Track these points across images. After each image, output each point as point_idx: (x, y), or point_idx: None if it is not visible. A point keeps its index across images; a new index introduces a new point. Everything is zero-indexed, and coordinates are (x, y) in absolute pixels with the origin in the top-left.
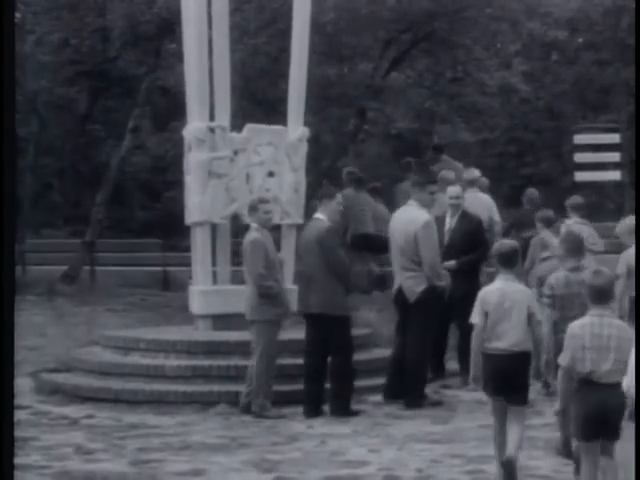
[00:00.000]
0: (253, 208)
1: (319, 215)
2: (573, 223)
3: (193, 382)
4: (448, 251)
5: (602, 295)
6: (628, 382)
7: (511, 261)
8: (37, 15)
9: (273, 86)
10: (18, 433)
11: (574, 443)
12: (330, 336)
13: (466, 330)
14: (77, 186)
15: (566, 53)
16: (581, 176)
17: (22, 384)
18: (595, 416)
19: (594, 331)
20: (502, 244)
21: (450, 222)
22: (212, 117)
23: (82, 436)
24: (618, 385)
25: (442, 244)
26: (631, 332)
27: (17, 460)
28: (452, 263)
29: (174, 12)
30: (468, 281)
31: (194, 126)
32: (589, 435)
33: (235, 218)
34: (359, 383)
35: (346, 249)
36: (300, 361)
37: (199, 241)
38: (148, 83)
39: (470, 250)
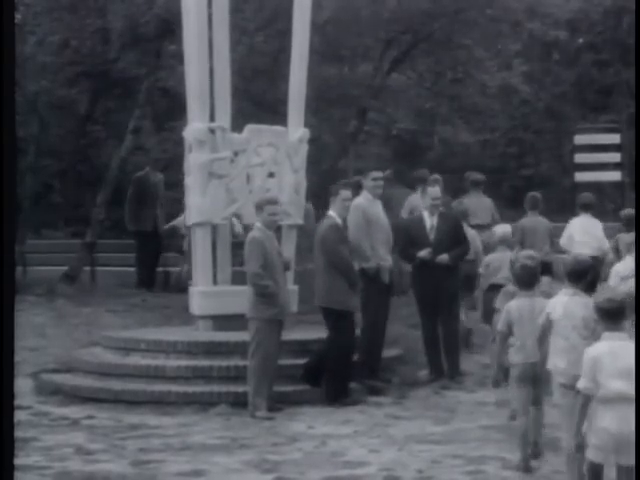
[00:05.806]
0: (259, 208)
1: (330, 212)
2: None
3: (193, 383)
4: (436, 248)
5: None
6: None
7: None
8: (38, 16)
9: (273, 87)
10: (18, 434)
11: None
12: (330, 329)
13: (451, 327)
14: (78, 187)
15: (566, 54)
16: (581, 176)
17: (22, 385)
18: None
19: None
20: None
21: (431, 221)
22: (212, 118)
23: (82, 437)
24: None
25: (423, 242)
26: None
27: (17, 461)
28: (444, 257)
29: (174, 13)
30: (452, 278)
31: (194, 127)
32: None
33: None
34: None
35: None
36: (300, 361)
37: (199, 242)
38: (148, 84)
39: (455, 246)
